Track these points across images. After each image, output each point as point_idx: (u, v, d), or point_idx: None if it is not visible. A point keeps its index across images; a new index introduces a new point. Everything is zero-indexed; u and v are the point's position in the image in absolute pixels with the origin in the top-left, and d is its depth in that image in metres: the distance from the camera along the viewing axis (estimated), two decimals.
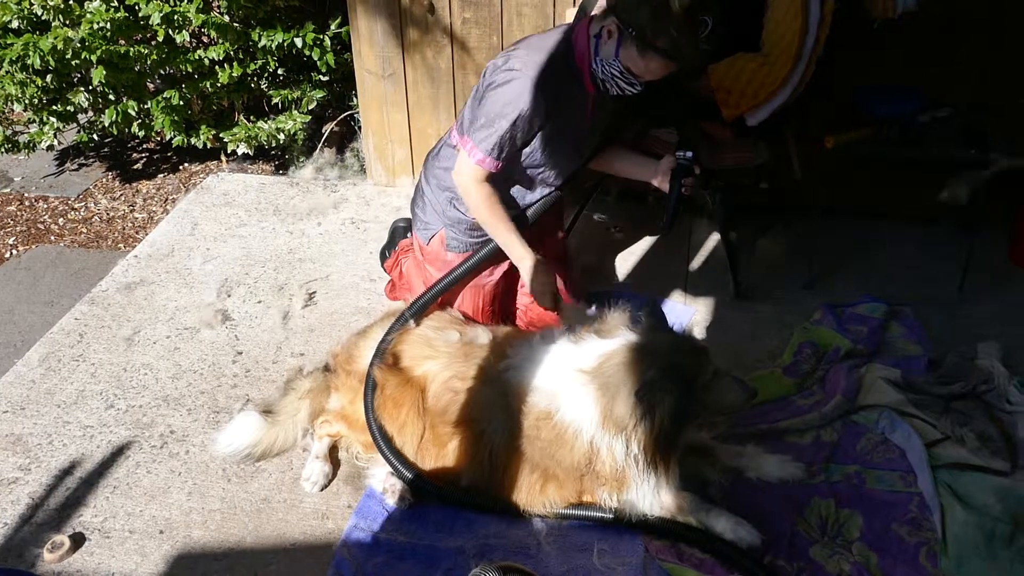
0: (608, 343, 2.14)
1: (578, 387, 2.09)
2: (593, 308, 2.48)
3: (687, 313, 3.12)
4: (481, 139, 2.42)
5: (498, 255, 2.66)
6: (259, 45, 4.02)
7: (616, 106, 2.63)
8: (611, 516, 2.19)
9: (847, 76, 3.15)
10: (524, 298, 2.88)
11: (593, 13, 2.52)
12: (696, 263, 3.45)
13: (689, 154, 2.62)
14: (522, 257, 2.57)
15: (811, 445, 2.48)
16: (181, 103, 4.10)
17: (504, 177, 2.58)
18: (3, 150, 4.21)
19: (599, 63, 2.43)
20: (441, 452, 2.31)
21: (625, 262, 3.47)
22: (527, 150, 2.51)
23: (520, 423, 2.15)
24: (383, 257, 3.12)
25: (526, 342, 2.28)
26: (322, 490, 2.45)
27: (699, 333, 3.05)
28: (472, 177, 2.48)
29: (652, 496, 2.14)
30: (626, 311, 2.24)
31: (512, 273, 2.80)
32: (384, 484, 2.37)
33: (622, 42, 2.36)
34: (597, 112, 2.60)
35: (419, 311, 2.57)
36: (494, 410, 2.21)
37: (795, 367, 2.78)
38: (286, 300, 3.28)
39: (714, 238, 3.53)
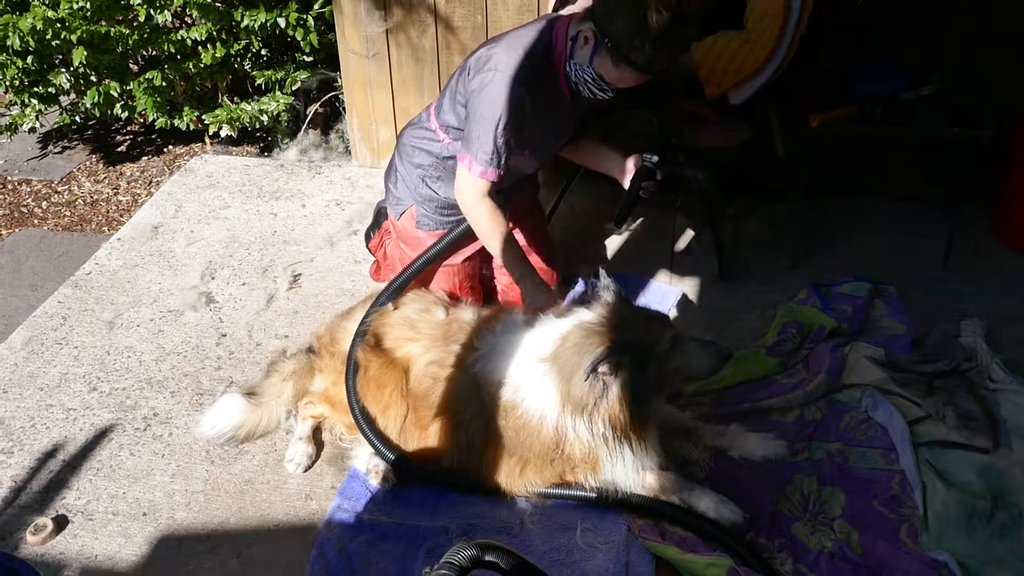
0: (561, 325, 2.14)
1: (538, 375, 2.10)
2: (580, 285, 2.47)
3: (672, 294, 3.12)
4: (477, 150, 2.37)
5: (469, 235, 2.63)
6: (242, 25, 3.97)
7: (592, 102, 2.63)
8: (593, 495, 2.19)
9: (831, 54, 3.14)
10: (504, 277, 2.88)
11: (574, 10, 2.49)
12: (681, 243, 3.45)
13: (655, 158, 2.61)
14: (521, 278, 2.52)
15: (794, 423, 2.48)
16: (164, 84, 4.05)
17: None
18: None
19: (573, 67, 2.41)
20: (423, 434, 2.31)
21: (610, 243, 3.47)
22: None
23: (492, 415, 2.16)
24: (368, 238, 3.11)
25: (490, 332, 2.27)
26: (306, 471, 2.44)
27: (684, 313, 3.05)
28: (475, 193, 2.41)
29: (633, 475, 2.14)
30: (591, 290, 2.25)
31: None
32: (367, 465, 2.37)
33: (597, 50, 2.33)
34: (573, 109, 2.60)
35: (394, 294, 2.56)
36: (468, 401, 2.22)
37: (779, 346, 2.78)
38: (270, 282, 3.27)
39: (699, 218, 3.53)
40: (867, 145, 3.45)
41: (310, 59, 4.24)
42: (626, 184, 2.66)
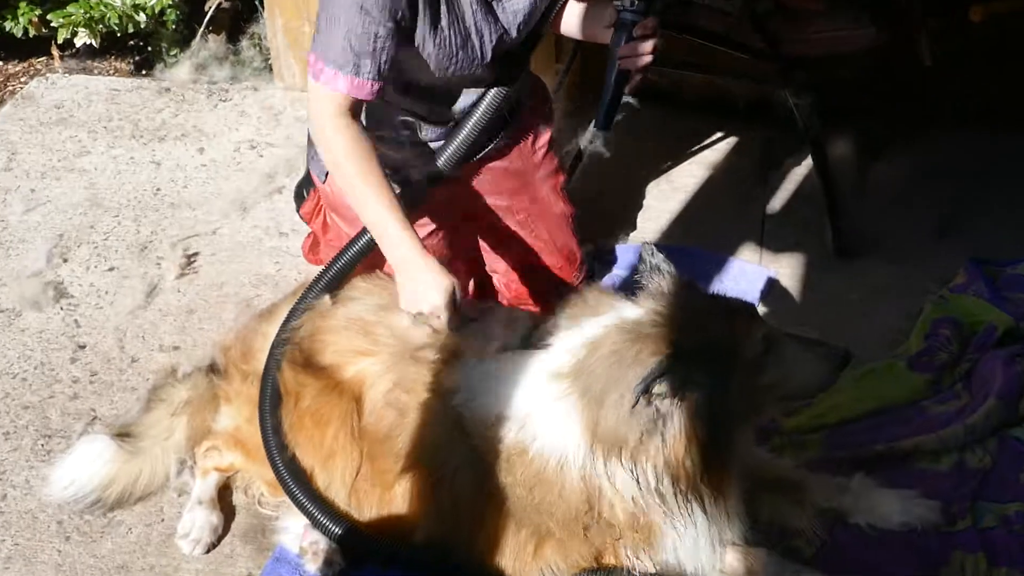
0: (591, 327, 2.11)
1: (554, 400, 2.07)
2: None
3: (761, 277, 3.12)
4: (326, 47, 2.36)
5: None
6: None
7: None
8: None
9: None
10: (499, 263, 2.90)
11: None
12: (776, 203, 3.45)
13: (636, 1, 2.52)
14: (401, 249, 2.44)
15: (951, 474, 2.48)
16: None
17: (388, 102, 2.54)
18: None
19: None
20: (385, 495, 2.29)
21: (667, 202, 3.47)
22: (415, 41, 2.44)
23: (489, 464, 2.14)
24: (299, 198, 3.09)
25: (484, 341, 2.27)
26: (208, 551, 2.43)
27: (778, 307, 3.04)
28: (324, 111, 2.41)
29: (706, 552, 2.11)
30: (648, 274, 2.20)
31: (476, 223, 2.82)
32: (302, 542, 2.36)
33: None
34: None
35: (335, 281, 2.55)
36: (453, 445, 2.20)
37: (927, 357, 2.77)
38: (152, 266, 3.26)
39: (802, 165, 3.52)
40: None
41: None
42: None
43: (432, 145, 2.65)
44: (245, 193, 3.56)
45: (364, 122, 2.54)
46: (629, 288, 2.26)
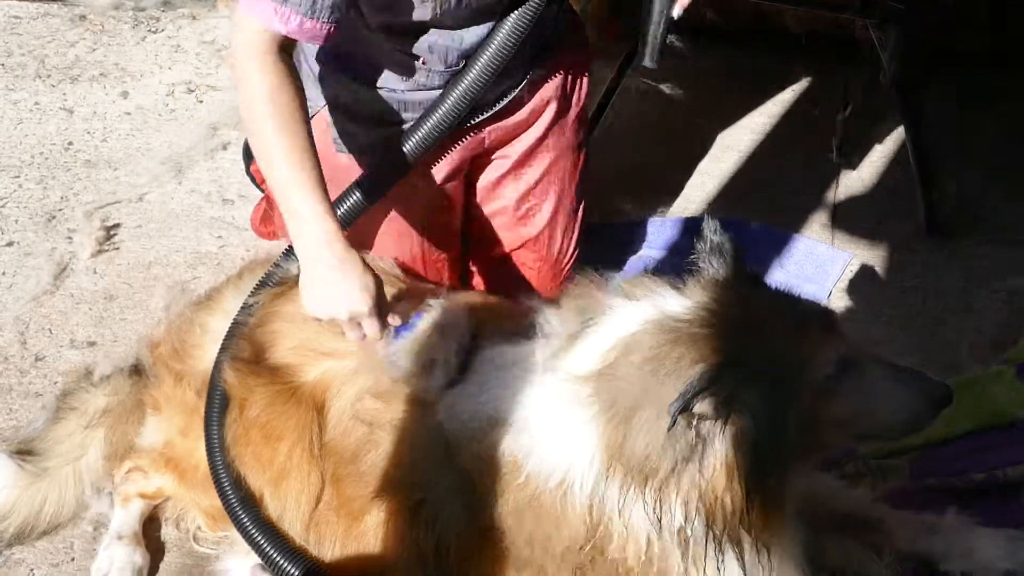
0: (622, 321, 2.11)
1: (564, 407, 2.08)
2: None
3: (836, 261, 3.15)
4: None
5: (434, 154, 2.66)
6: None
7: None
8: None
9: None
10: (516, 230, 2.90)
11: None
12: (854, 173, 3.47)
13: None
14: (310, 228, 2.39)
15: None
16: None
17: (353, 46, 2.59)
18: None
19: None
20: (353, 528, 2.32)
21: (715, 164, 3.49)
22: None
23: (481, 490, 2.16)
24: (249, 155, 3.12)
25: (479, 338, 2.29)
26: None
27: (857, 299, 3.06)
28: (248, 48, 2.41)
29: None
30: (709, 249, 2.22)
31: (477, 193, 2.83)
32: None
33: None
34: None
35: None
36: (436, 468, 2.22)
37: None
38: (61, 241, 3.29)
39: (888, 121, 3.54)
40: None
41: None
42: None
43: (426, 96, 2.64)
44: (180, 149, 3.57)
45: (350, 71, 2.62)
46: (667, 272, 2.23)
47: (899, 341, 2.82)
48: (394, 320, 2.34)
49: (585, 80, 2.93)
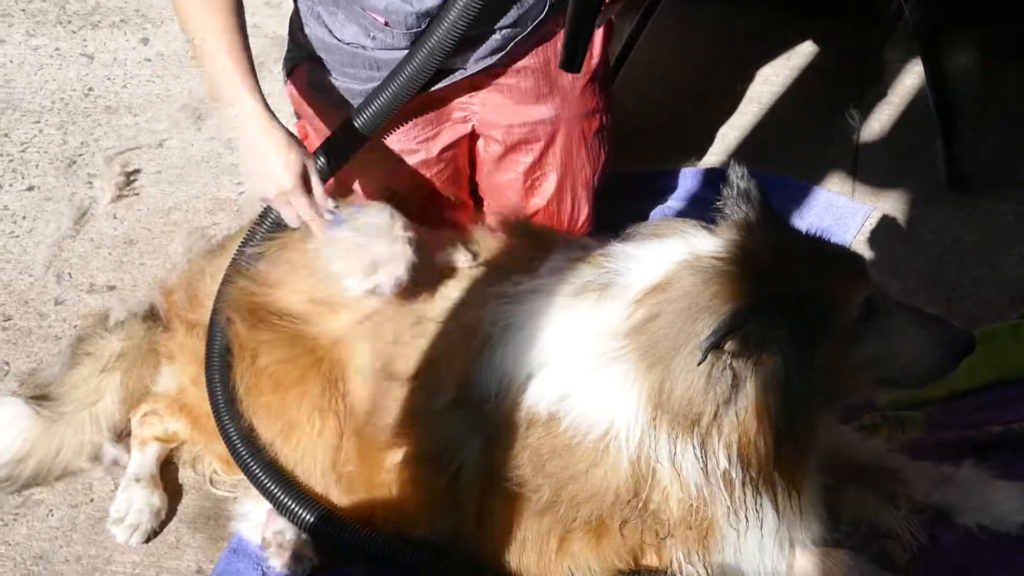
0: (653, 262, 2.09)
1: (603, 360, 2.06)
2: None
3: (856, 213, 3.15)
4: None
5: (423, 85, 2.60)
6: None
7: None
8: None
9: None
10: (526, 200, 2.92)
11: None
12: (875, 121, 3.45)
13: None
14: (240, 107, 2.40)
15: None
16: None
17: None
18: None
19: None
20: (373, 478, 2.33)
21: (737, 117, 3.49)
22: None
23: (508, 447, 2.15)
24: (289, 72, 3.03)
25: (511, 283, 2.26)
26: (148, 540, 2.48)
27: (878, 251, 3.06)
28: None
29: (773, 554, 2.14)
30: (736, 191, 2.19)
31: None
32: (264, 532, 2.39)
33: None
34: None
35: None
36: (463, 427, 2.23)
37: None
38: (82, 186, 3.30)
39: (910, 73, 3.53)
40: None
41: None
42: None
43: (392, 56, 2.60)
44: (200, 96, 3.56)
45: (322, 28, 2.64)
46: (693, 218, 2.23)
47: (917, 294, 2.81)
48: (325, 202, 2.35)
49: (597, 43, 2.86)
